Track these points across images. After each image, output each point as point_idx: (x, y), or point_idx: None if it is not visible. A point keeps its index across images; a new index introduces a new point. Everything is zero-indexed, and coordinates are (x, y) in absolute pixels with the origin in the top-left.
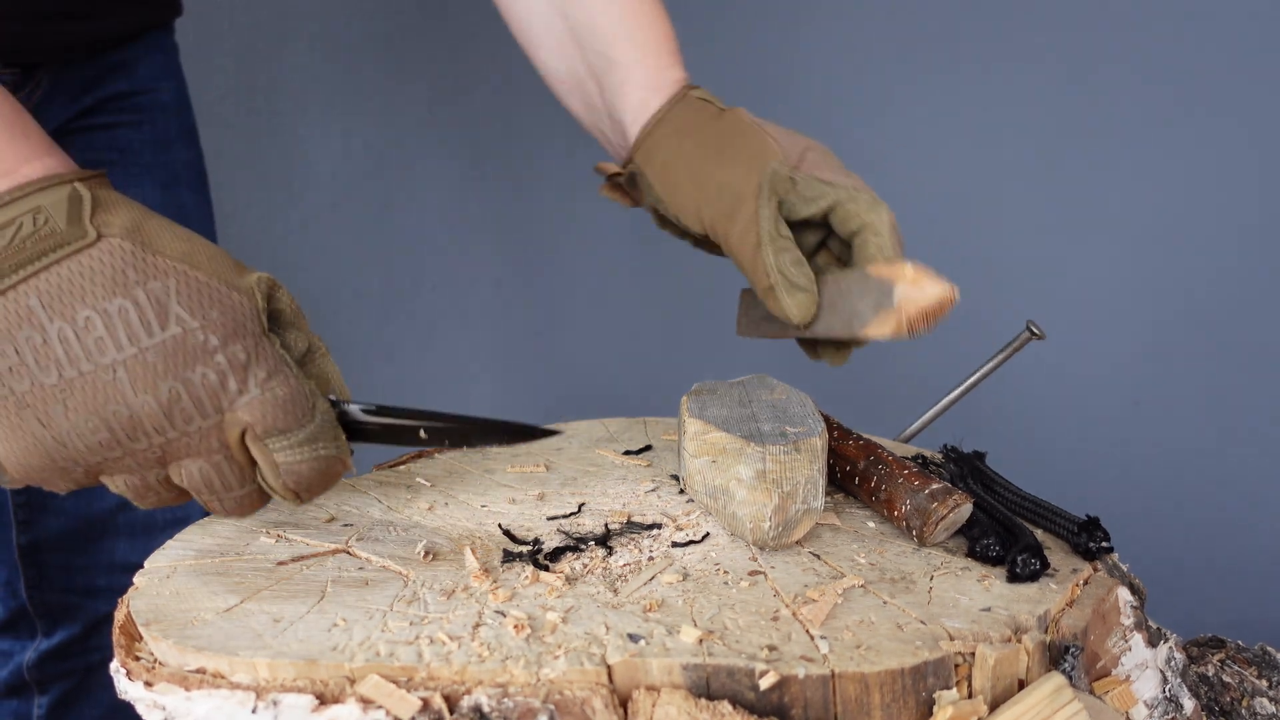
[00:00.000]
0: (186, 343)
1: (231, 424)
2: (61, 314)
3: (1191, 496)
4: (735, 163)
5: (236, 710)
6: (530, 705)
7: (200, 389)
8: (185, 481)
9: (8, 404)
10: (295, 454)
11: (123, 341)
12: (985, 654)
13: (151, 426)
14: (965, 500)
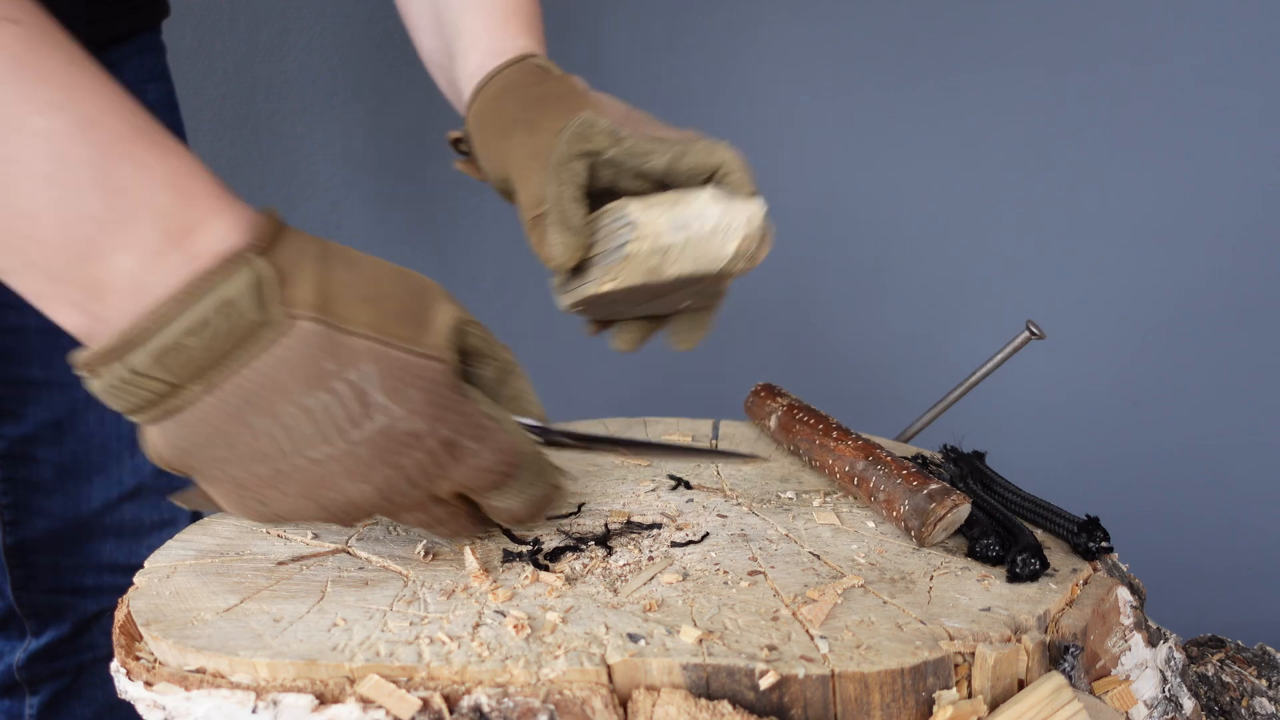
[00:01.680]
0: (393, 432)
1: (445, 488)
2: (266, 411)
3: (1191, 496)
4: (544, 113)
5: (236, 710)
6: (530, 705)
7: (414, 472)
8: (404, 525)
9: (227, 487)
10: (510, 500)
11: (331, 436)
12: (985, 654)
13: (368, 506)
14: (963, 500)
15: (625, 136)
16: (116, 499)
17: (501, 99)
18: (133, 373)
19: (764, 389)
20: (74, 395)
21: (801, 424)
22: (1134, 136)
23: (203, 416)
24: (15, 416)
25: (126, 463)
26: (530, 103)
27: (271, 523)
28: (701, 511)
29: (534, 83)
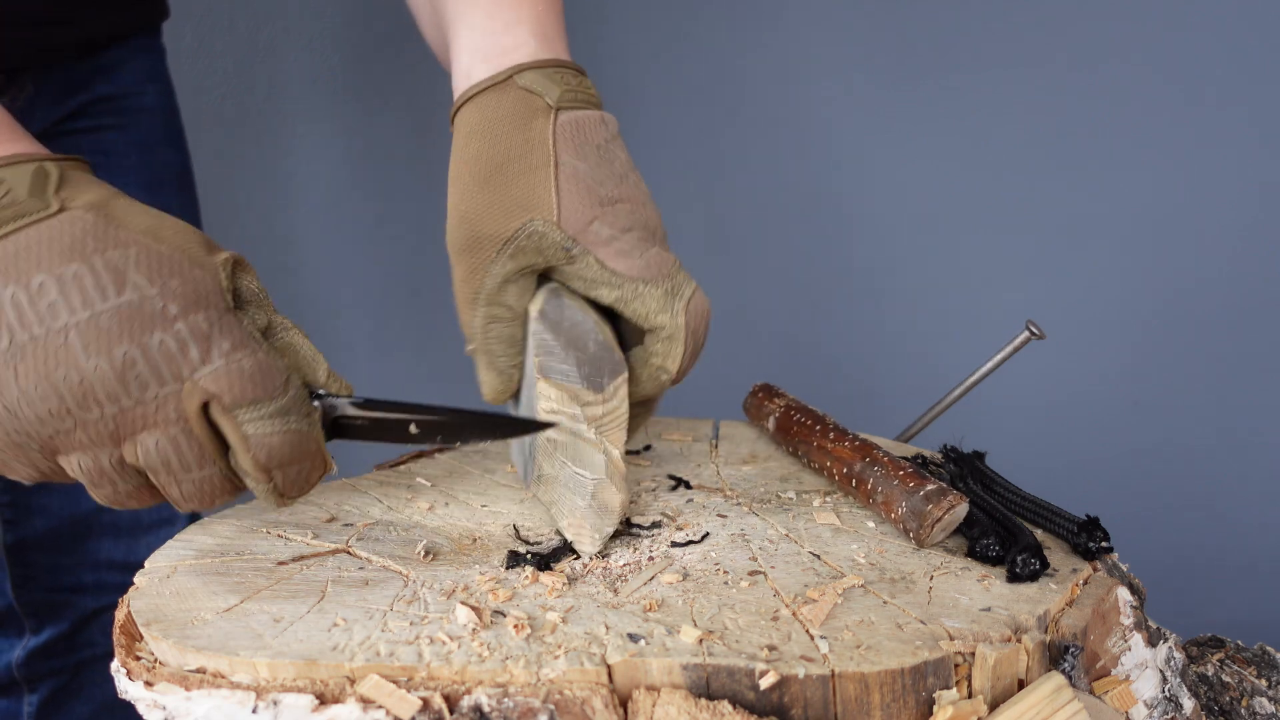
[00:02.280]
0: (144, 308)
1: (192, 394)
2: (16, 279)
3: (1191, 496)
4: (498, 196)
5: (236, 710)
6: (530, 705)
7: (157, 355)
8: (141, 460)
9: None
10: (266, 425)
11: (75, 306)
12: (985, 654)
13: (104, 393)
14: (960, 501)
15: (578, 255)
16: None
17: (470, 142)
18: None
19: (762, 390)
20: None
21: (799, 425)
22: (1134, 137)
23: None
24: None
25: None
26: (492, 169)
27: (2, 428)
28: (701, 511)
29: (509, 126)
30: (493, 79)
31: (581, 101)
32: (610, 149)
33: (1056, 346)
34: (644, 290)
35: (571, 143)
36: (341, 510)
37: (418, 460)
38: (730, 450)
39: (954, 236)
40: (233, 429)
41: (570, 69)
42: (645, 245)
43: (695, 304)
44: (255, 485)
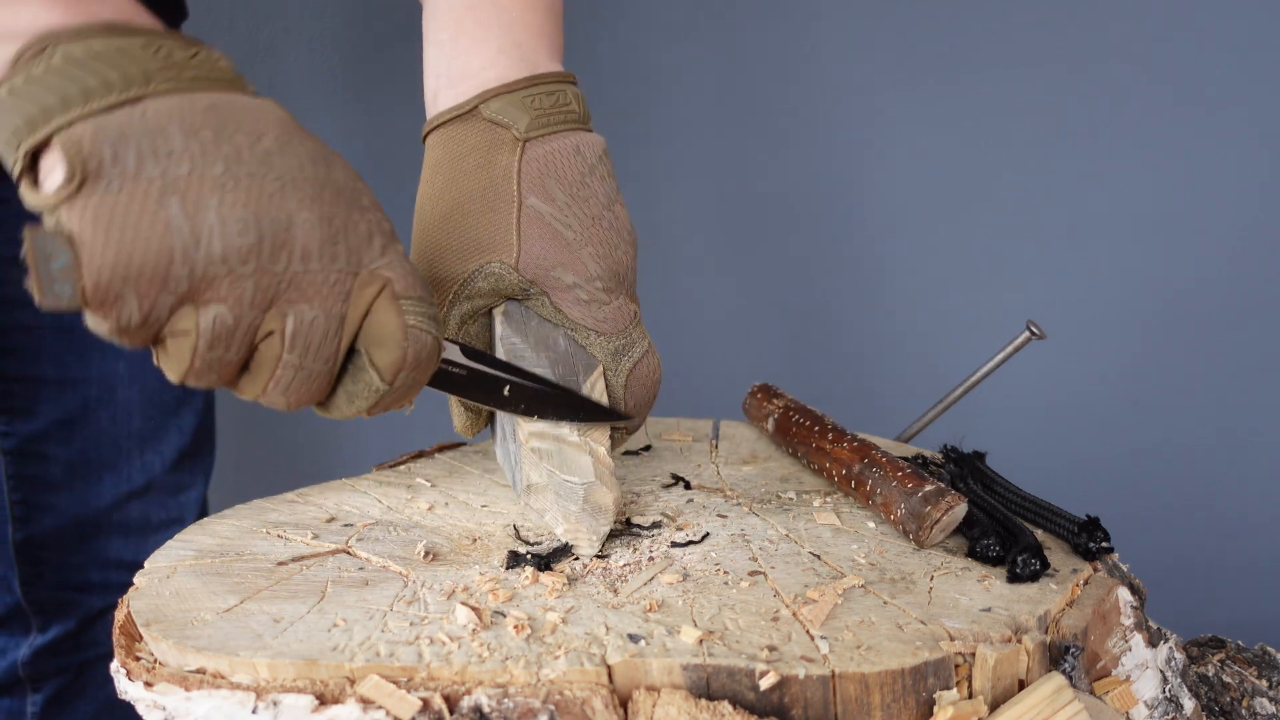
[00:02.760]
0: (347, 190)
1: (371, 279)
2: (236, 124)
3: (1191, 496)
4: (456, 236)
5: (236, 710)
6: (530, 705)
7: (354, 233)
8: (288, 329)
9: (150, 188)
10: (425, 322)
11: (292, 165)
12: (985, 654)
13: (302, 247)
14: (959, 501)
15: (535, 295)
16: (125, 496)
17: (434, 176)
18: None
19: (761, 390)
20: (86, 394)
21: (798, 426)
22: (1134, 137)
23: (167, 106)
24: (27, 413)
25: (136, 461)
26: (453, 208)
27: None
28: (701, 511)
29: (473, 163)
30: (458, 109)
31: (560, 123)
32: (586, 183)
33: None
34: (594, 340)
35: (538, 181)
36: (341, 510)
37: (418, 460)
38: (730, 450)
39: (954, 236)
40: (398, 316)
41: (547, 84)
42: (608, 294)
43: (642, 368)
44: (370, 382)
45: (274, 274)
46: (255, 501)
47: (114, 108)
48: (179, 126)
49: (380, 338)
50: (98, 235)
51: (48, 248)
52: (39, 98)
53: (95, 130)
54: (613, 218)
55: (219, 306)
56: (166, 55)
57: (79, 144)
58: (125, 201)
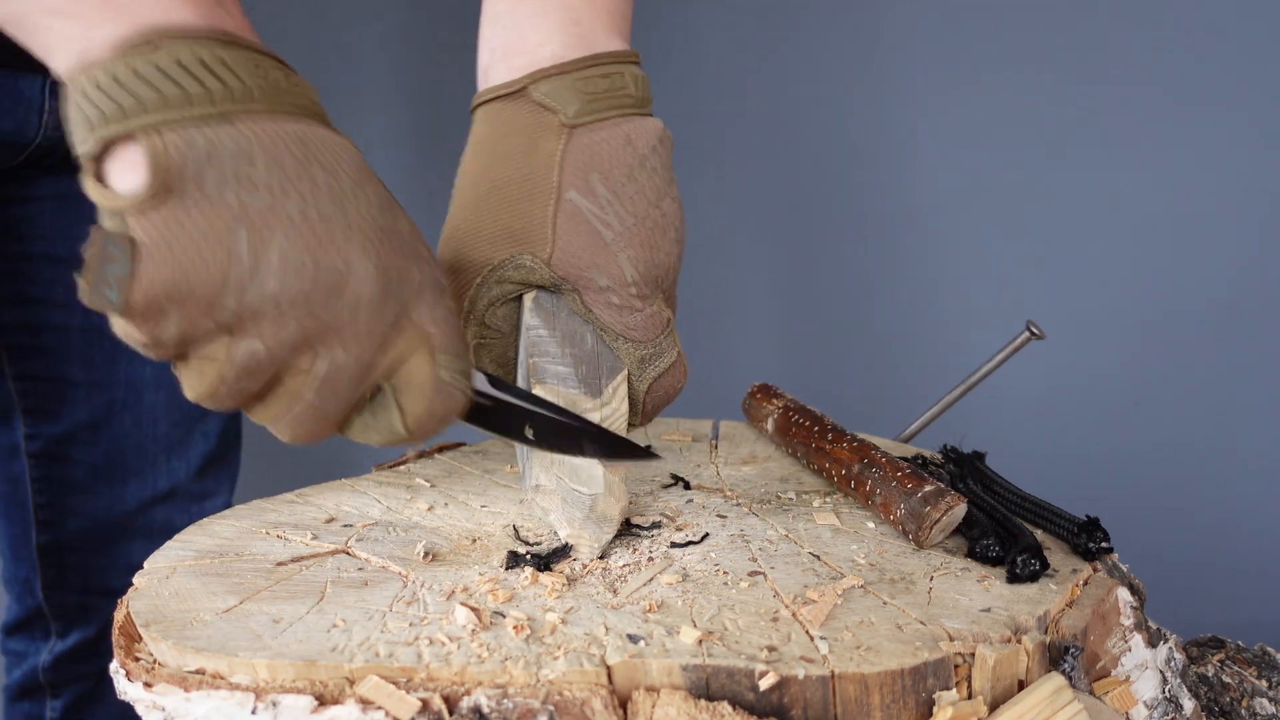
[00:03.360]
0: (409, 241)
1: (407, 333)
2: (318, 159)
3: (1191, 496)
4: (491, 220)
5: (236, 711)
6: (530, 706)
7: (408, 285)
8: (319, 369)
9: (223, 213)
10: (457, 378)
11: (363, 210)
12: (985, 654)
13: (354, 296)
14: (958, 501)
15: (567, 292)
16: (150, 501)
17: (476, 155)
18: (219, 61)
19: (760, 390)
20: (112, 397)
21: (797, 427)
22: (1134, 137)
23: (258, 130)
24: (53, 415)
25: (162, 466)
26: (490, 190)
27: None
28: (701, 512)
29: (515, 146)
30: (507, 86)
31: (612, 108)
32: (634, 177)
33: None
34: (622, 345)
35: (581, 173)
36: (341, 511)
37: (417, 461)
38: (730, 450)
39: (954, 236)
40: (432, 370)
41: (603, 65)
42: (641, 301)
43: (667, 379)
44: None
45: (320, 319)
46: (255, 502)
47: (207, 120)
48: (264, 154)
49: (410, 386)
50: (161, 250)
51: (112, 251)
52: (137, 90)
53: (185, 143)
54: (659, 215)
55: (256, 342)
56: (267, 76)
57: (167, 153)
58: (197, 222)
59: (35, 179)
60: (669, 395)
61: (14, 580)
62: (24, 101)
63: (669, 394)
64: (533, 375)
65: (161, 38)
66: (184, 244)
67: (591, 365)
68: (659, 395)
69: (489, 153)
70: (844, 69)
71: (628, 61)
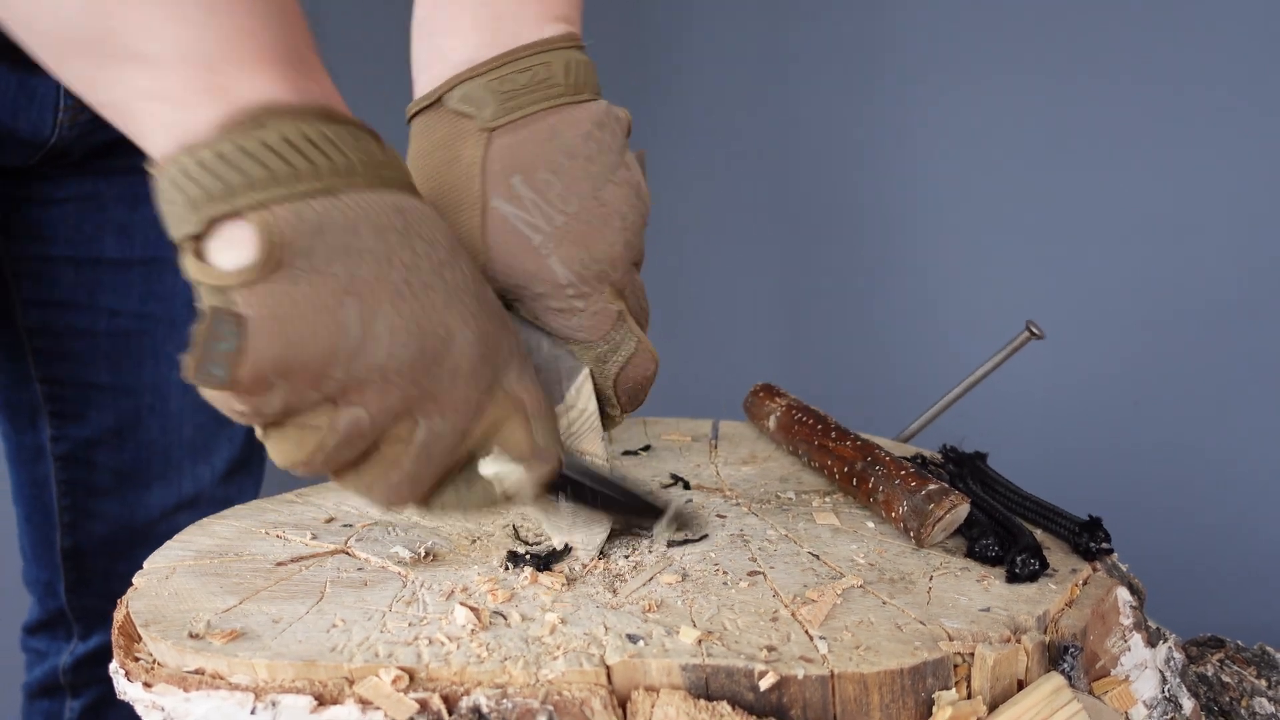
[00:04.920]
0: (498, 309)
1: (500, 401)
2: (417, 230)
3: (1191, 496)
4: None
5: (235, 711)
6: (529, 706)
7: (501, 351)
8: (418, 438)
9: (332, 286)
10: (551, 442)
11: (458, 279)
12: (984, 654)
13: (454, 364)
14: (962, 501)
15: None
16: (174, 507)
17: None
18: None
19: (763, 389)
20: (139, 402)
21: (800, 424)
22: (1135, 137)
23: (360, 203)
24: (79, 419)
25: (187, 471)
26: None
27: (334, 354)
28: (701, 512)
29: (438, 159)
30: (427, 97)
31: (535, 102)
32: (563, 168)
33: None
34: (575, 348)
35: (503, 178)
36: (340, 510)
37: None
38: (730, 450)
39: (954, 236)
40: (529, 437)
41: (522, 59)
42: (581, 300)
43: (632, 369)
44: (489, 493)
45: (422, 387)
46: (254, 501)
47: (314, 195)
48: (370, 225)
49: (508, 451)
50: (271, 326)
51: (221, 329)
52: (245, 167)
53: (296, 218)
54: (597, 206)
55: (360, 411)
56: (365, 150)
57: (279, 229)
58: (307, 295)
59: (58, 180)
60: (640, 383)
61: (36, 582)
62: (38, 100)
63: (640, 382)
64: None
65: (267, 116)
66: (293, 318)
67: (550, 372)
68: (629, 386)
69: (419, 166)
70: (844, 69)
71: (557, 48)
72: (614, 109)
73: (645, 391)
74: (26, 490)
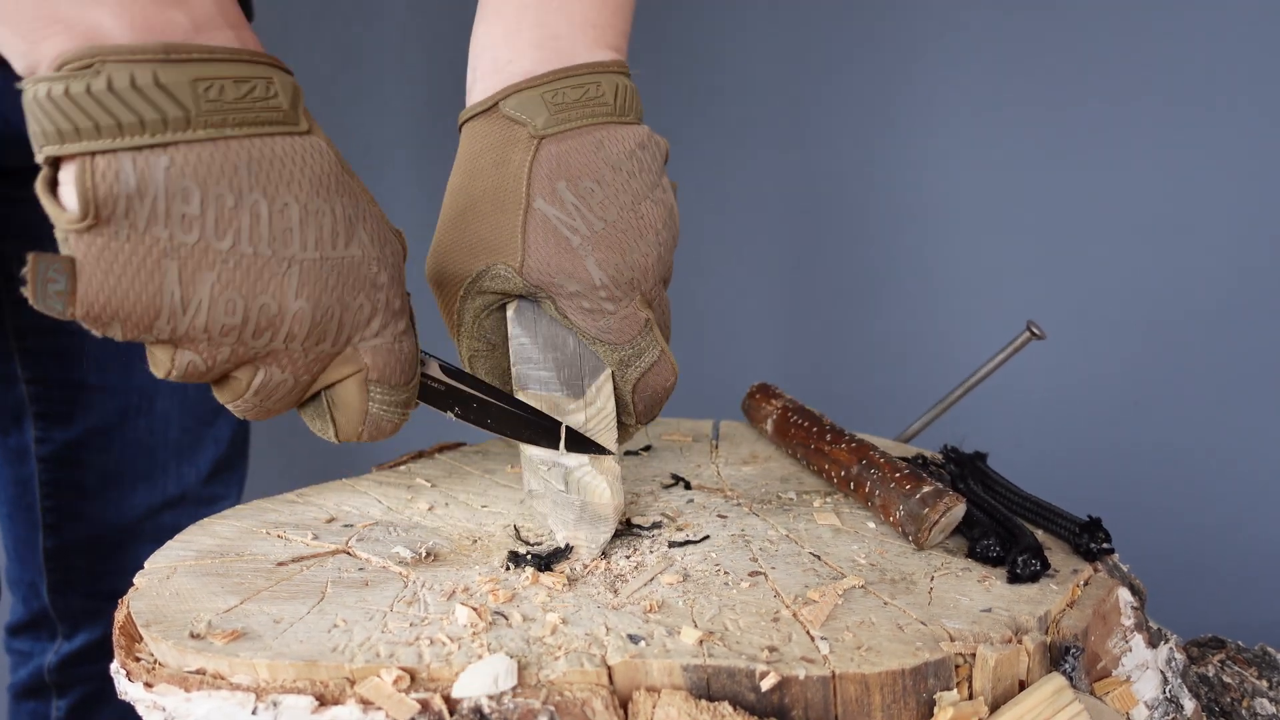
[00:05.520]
0: (360, 268)
1: (347, 359)
2: (264, 189)
3: (1191, 496)
4: (466, 234)
5: (236, 711)
6: (530, 706)
7: (351, 316)
8: (252, 383)
9: (152, 249)
10: (389, 411)
11: (308, 242)
12: (986, 655)
13: (286, 332)
14: (957, 502)
15: (543, 299)
16: (159, 506)
17: (456, 173)
18: (154, 84)
19: (759, 390)
20: (126, 403)
21: (796, 428)
22: (1135, 137)
23: (195, 161)
24: (66, 420)
25: (172, 471)
26: (466, 206)
27: (153, 310)
28: (702, 512)
29: (488, 161)
30: (482, 104)
31: (585, 117)
32: (606, 180)
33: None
34: (600, 349)
35: (548, 182)
36: (341, 511)
37: (418, 460)
38: (730, 450)
39: (955, 236)
40: (362, 402)
41: (576, 76)
42: (613, 303)
43: (652, 377)
44: (326, 430)
45: (252, 346)
46: (255, 502)
47: (142, 149)
48: (200, 188)
49: (343, 407)
50: (96, 275)
51: (48, 271)
52: (74, 115)
53: (115, 175)
54: (635, 218)
55: (194, 356)
56: (216, 94)
57: (96, 186)
58: (127, 253)
59: None
60: (659, 393)
61: (19, 582)
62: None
63: (658, 392)
64: (517, 383)
65: (99, 58)
66: (116, 274)
67: (574, 368)
68: (648, 394)
69: (466, 167)
70: (841, 70)
71: (609, 72)
72: (655, 135)
73: (662, 403)
74: (9, 491)
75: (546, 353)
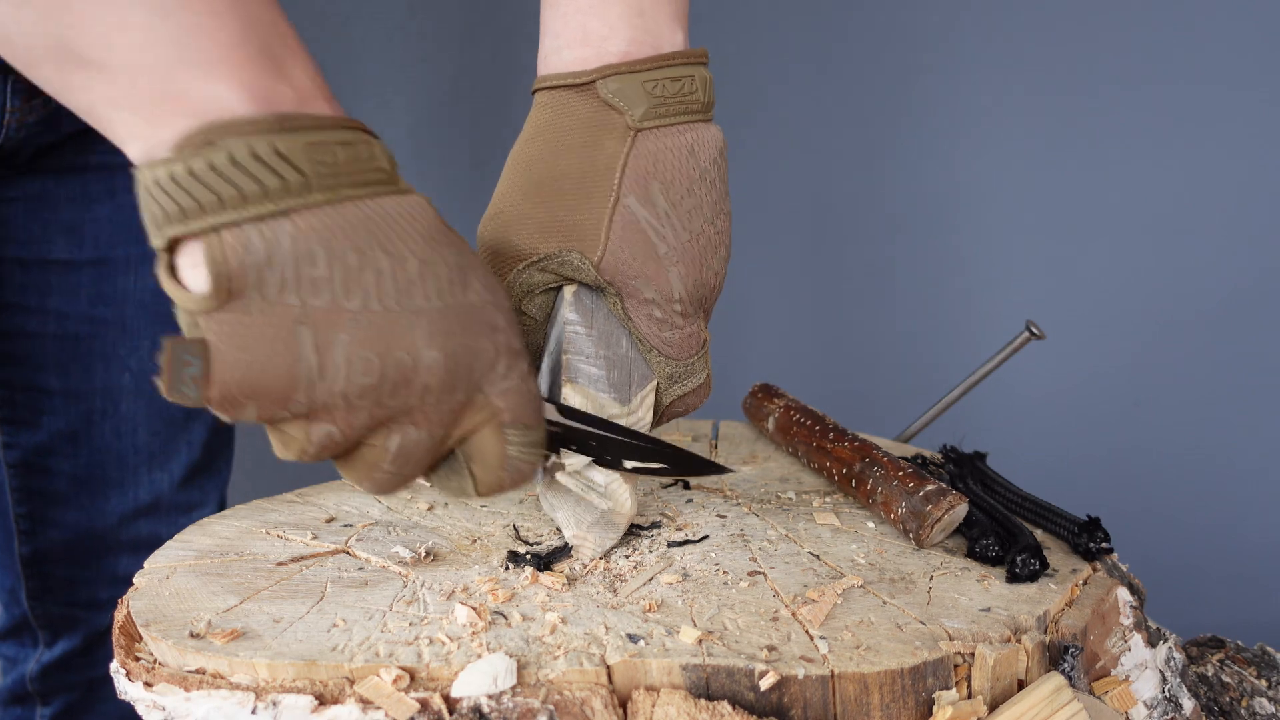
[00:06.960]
0: (480, 314)
1: (479, 407)
2: (382, 245)
3: (1191, 496)
4: (543, 211)
5: (236, 711)
6: (530, 706)
7: (479, 361)
8: (390, 446)
9: (284, 318)
10: (525, 452)
11: (430, 293)
12: (985, 654)
13: (422, 384)
14: (960, 501)
15: (610, 295)
16: (133, 513)
17: (534, 140)
18: (274, 153)
19: (761, 390)
20: (90, 407)
21: (799, 426)
22: (1135, 137)
23: (317, 224)
24: (31, 425)
25: (144, 478)
26: (546, 180)
27: (293, 382)
28: (701, 511)
29: (579, 140)
30: (575, 77)
31: (680, 113)
32: (694, 190)
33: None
34: (654, 359)
35: (642, 181)
36: (341, 510)
37: None
38: (730, 450)
39: (954, 236)
40: (499, 448)
41: (675, 67)
42: (683, 319)
43: (691, 398)
44: (464, 487)
45: (389, 407)
46: (255, 502)
47: (265, 219)
48: (325, 250)
49: (481, 459)
50: (230, 354)
51: (185, 355)
52: (195, 192)
53: (243, 247)
54: (713, 233)
55: (330, 427)
56: (325, 158)
57: (225, 258)
58: (260, 326)
59: (5, 180)
60: (687, 411)
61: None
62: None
63: (688, 410)
64: (565, 371)
65: (217, 133)
66: (250, 346)
67: (623, 371)
68: (678, 410)
69: (547, 141)
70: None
71: (699, 63)
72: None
73: (687, 413)
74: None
75: (600, 348)
